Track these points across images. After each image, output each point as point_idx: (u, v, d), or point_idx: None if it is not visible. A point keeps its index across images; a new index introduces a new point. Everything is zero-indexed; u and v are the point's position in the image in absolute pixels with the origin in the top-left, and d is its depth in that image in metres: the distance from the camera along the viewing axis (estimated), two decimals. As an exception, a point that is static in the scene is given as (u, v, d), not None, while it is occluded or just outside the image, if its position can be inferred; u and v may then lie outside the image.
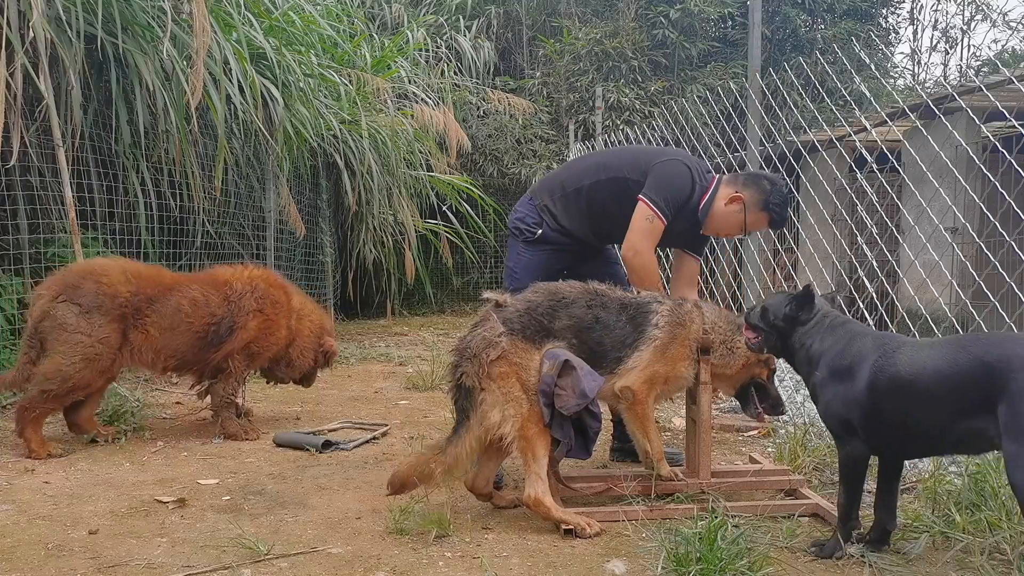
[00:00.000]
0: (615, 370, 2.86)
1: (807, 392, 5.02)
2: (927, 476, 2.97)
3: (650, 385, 2.87)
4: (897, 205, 5.42)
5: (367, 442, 4.01)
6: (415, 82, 10.27)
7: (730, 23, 13.53)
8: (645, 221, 3.14)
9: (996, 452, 2.66)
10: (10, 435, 3.86)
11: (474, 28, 13.25)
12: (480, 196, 10.41)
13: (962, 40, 18.58)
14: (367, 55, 9.34)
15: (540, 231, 3.38)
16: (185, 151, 5.31)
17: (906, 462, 3.33)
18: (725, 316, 3.03)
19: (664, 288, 3.30)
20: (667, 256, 3.86)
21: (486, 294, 2.94)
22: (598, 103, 10.51)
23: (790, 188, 3.29)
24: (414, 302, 11.48)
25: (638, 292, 3.07)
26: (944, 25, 18.84)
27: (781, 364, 3.05)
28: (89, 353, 3.60)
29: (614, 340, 2.87)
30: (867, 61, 10.48)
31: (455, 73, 12.03)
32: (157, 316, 3.80)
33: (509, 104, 11.81)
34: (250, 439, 4.01)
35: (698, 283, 3.62)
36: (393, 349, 7.58)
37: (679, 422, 4.37)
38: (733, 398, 3.18)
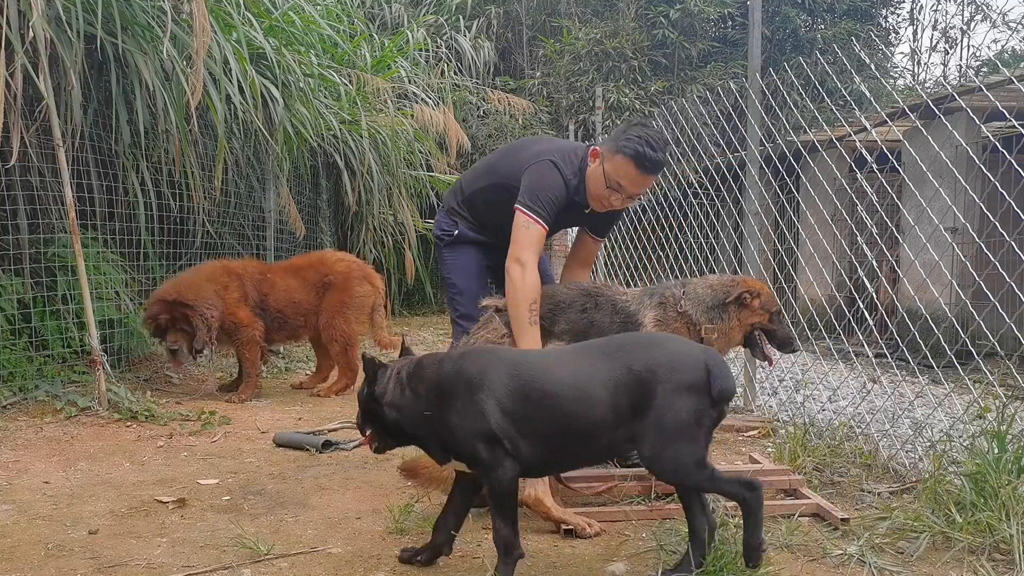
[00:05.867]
0: None
1: (808, 392, 5.03)
2: (927, 476, 2.97)
3: None
4: (897, 205, 5.42)
5: (367, 442, 4.01)
6: (415, 82, 10.25)
7: (730, 23, 13.54)
8: (523, 229, 2.94)
9: (995, 452, 2.68)
10: (10, 435, 3.86)
11: (474, 28, 13.26)
12: (480, 196, 10.38)
13: (962, 40, 18.61)
14: (367, 55, 9.33)
15: (457, 231, 3.36)
16: (185, 151, 5.30)
17: (906, 462, 3.34)
18: (707, 296, 2.96)
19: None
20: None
21: (484, 302, 2.97)
22: (598, 103, 10.49)
23: (647, 126, 2.98)
24: (414, 302, 11.47)
25: (625, 298, 2.99)
26: (944, 25, 18.90)
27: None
28: None
29: None
30: (867, 61, 10.49)
31: (455, 73, 12.02)
32: None
33: (509, 104, 11.80)
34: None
35: (593, 265, 3.51)
36: (393, 349, 7.56)
37: (679, 422, 4.37)
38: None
